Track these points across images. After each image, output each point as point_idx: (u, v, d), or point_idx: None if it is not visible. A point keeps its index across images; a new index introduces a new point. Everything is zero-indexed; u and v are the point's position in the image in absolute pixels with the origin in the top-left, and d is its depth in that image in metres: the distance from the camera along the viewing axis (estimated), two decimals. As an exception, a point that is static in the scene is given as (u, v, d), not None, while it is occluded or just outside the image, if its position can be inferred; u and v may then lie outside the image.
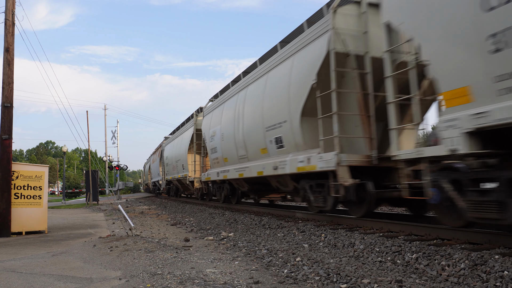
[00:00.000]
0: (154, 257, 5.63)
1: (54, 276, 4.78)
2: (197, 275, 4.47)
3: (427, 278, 4.13)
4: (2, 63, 9.38)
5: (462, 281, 3.92)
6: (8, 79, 9.20)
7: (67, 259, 5.91)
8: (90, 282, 4.43)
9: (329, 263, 4.95)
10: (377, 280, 4.01)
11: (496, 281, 3.76)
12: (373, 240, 5.97)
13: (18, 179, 9.31)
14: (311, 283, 4.06)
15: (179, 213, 15.06)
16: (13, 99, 9.23)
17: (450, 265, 4.37)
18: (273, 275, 4.46)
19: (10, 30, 9.39)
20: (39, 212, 9.43)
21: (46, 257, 6.07)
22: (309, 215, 9.38)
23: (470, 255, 4.52)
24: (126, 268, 5.05)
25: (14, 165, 9.32)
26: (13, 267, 5.39)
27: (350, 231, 6.95)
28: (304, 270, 4.59)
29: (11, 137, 9.17)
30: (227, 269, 4.80)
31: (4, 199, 8.87)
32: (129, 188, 58.11)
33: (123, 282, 4.32)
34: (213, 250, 6.25)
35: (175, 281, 4.24)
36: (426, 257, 4.78)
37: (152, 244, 6.85)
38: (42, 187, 9.54)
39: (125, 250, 6.26)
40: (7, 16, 9.43)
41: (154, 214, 15.12)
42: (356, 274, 4.31)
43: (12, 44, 9.38)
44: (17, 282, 4.52)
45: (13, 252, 6.65)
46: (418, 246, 5.22)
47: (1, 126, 9.07)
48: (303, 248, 6.21)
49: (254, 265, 5.00)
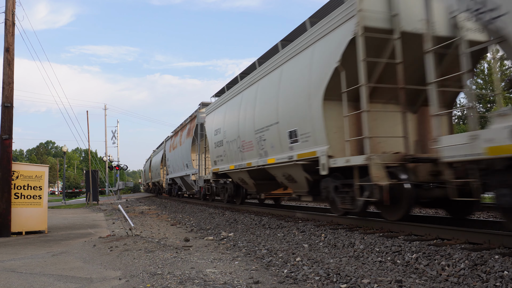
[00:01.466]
0: (154, 257, 5.63)
1: (54, 276, 4.78)
2: (197, 275, 4.47)
3: (427, 278, 4.13)
4: (2, 63, 9.38)
5: (462, 281, 3.92)
6: (8, 79, 9.20)
7: (67, 259, 5.91)
8: (90, 282, 4.43)
9: (329, 263, 4.95)
10: (377, 280, 4.01)
11: (496, 281, 3.76)
12: (373, 240, 5.97)
13: (18, 179, 9.31)
14: (311, 283, 4.06)
15: (179, 213, 15.06)
16: (13, 99, 9.24)
17: (450, 265, 4.37)
18: (273, 275, 4.46)
19: (10, 30, 9.39)
20: (39, 212, 9.43)
21: (46, 257, 6.08)
22: (309, 215, 9.37)
23: (470, 255, 4.52)
24: (126, 268, 5.05)
25: (14, 165, 9.32)
26: (13, 267, 5.39)
27: (350, 231, 6.95)
28: (304, 270, 4.59)
29: (11, 137, 9.17)
30: (227, 269, 4.80)
31: (4, 199, 8.87)
32: (129, 188, 58.16)
33: (123, 282, 4.32)
34: (213, 250, 6.25)
35: (175, 281, 4.24)
36: (426, 257, 4.78)
37: (152, 244, 6.86)
38: (42, 187, 9.55)
39: (125, 250, 6.26)
40: (7, 16, 9.43)
41: (154, 214, 15.12)
42: (356, 274, 4.31)
43: (12, 44, 9.38)
44: (17, 282, 4.52)
45: (13, 252, 6.65)
46: (418, 246, 5.22)
47: (1, 126, 9.07)
48: (303, 248, 6.21)
49: (254, 265, 5.00)
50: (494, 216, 8.90)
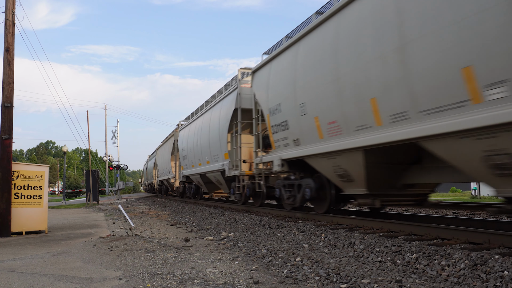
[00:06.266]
0: (154, 257, 5.64)
1: (54, 276, 4.78)
2: (197, 275, 4.47)
3: (427, 278, 4.13)
4: (2, 63, 9.38)
5: (462, 281, 3.92)
6: (8, 79, 9.20)
7: (67, 259, 5.91)
8: (90, 282, 4.43)
9: (329, 263, 4.95)
10: (377, 280, 4.01)
11: (496, 281, 3.76)
12: (373, 240, 5.97)
13: (18, 179, 9.32)
14: (311, 283, 4.06)
15: (179, 213, 15.06)
16: (13, 99, 9.24)
17: (450, 265, 4.37)
18: (273, 275, 4.46)
19: (10, 30, 9.39)
20: (39, 212, 9.43)
21: (46, 257, 6.08)
22: (309, 215, 9.39)
23: (470, 255, 4.52)
24: (126, 268, 5.05)
25: (14, 165, 9.32)
26: (13, 267, 5.40)
27: (350, 231, 6.95)
28: (304, 270, 4.59)
29: (11, 137, 9.17)
30: (227, 269, 4.80)
31: (4, 199, 8.87)
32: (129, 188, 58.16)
33: (123, 282, 4.32)
34: (213, 250, 6.25)
35: (175, 281, 4.24)
36: (426, 257, 4.78)
37: (152, 244, 6.86)
38: (42, 187, 9.55)
39: (125, 250, 6.27)
40: (7, 16, 9.43)
41: (154, 214, 15.13)
42: (356, 274, 4.32)
43: (12, 44, 9.38)
44: (17, 282, 4.52)
45: (13, 252, 6.65)
46: (418, 246, 5.22)
47: (1, 126, 9.07)
48: (303, 248, 6.22)
49: (254, 265, 5.00)
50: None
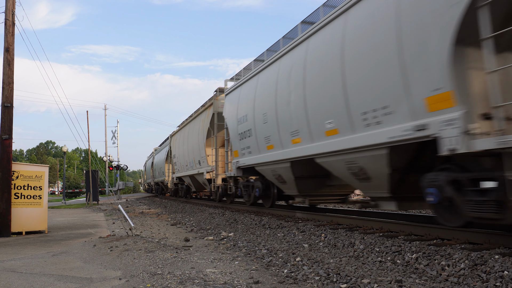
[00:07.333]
0: (154, 257, 5.64)
1: (54, 276, 4.78)
2: (197, 275, 4.47)
3: (427, 278, 4.13)
4: (2, 63, 9.38)
5: (462, 281, 3.92)
6: (8, 79, 9.20)
7: (67, 259, 5.91)
8: (90, 282, 4.43)
9: (329, 263, 4.95)
10: (377, 280, 4.01)
11: (496, 281, 3.76)
12: (373, 240, 5.97)
13: (18, 179, 9.31)
14: (311, 283, 4.06)
15: (179, 213, 15.06)
16: (13, 99, 9.24)
17: (450, 265, 4.37)
18: (273, 275, 4.46)
19: (10, 30, 9.39)
20: (39, 212, 9.43)
21: (46, 257, 6.08)
22: (309, 215, 9.38)
23: (470, 255, 4.52)
24: (126, 268, 5.05)
25: (14, 165, 9.32)
26: (13, 267, 5.40)
27: (350, 231, 6.95)
28: (304, 270, 4.59)
29: (11, 137, 9.17)
30: (227, 269, 4.80)
31: (4, 199, 8.87)
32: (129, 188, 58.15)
33: (123, 282, 4.32)
34: (213, 250, 6.25)
35: (175, 281, 4.24)
36: (426, 257, 4.78)
37: (152, 244, 6.86)
38: (42, 187, 9.54)
39: (125, 250, 6.27)
40: (7, 16, 9.43)
41: (154, 214, 15.13)
42: (356, 274, 4.32)
43: (12, 44, 9.38)
44: (17, 282, 4.52)
45: (13, 252, 6.65)
46: (418, 246, 5.22)
47: (1, 126, 9.07)
48: (303, 248, 6.22)
49: (254, 265, 5.00)
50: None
